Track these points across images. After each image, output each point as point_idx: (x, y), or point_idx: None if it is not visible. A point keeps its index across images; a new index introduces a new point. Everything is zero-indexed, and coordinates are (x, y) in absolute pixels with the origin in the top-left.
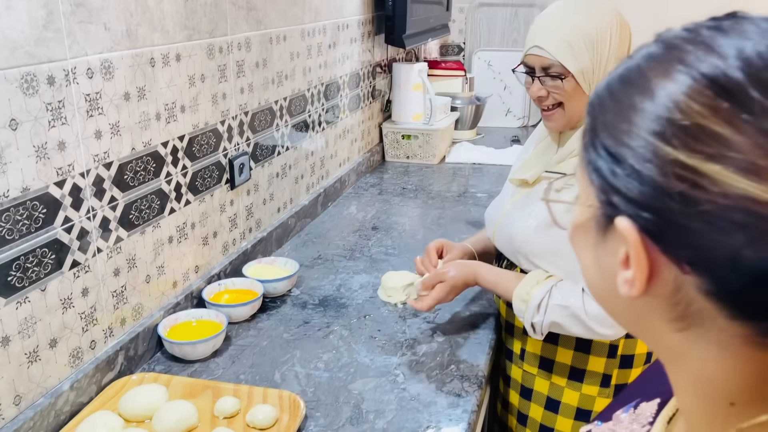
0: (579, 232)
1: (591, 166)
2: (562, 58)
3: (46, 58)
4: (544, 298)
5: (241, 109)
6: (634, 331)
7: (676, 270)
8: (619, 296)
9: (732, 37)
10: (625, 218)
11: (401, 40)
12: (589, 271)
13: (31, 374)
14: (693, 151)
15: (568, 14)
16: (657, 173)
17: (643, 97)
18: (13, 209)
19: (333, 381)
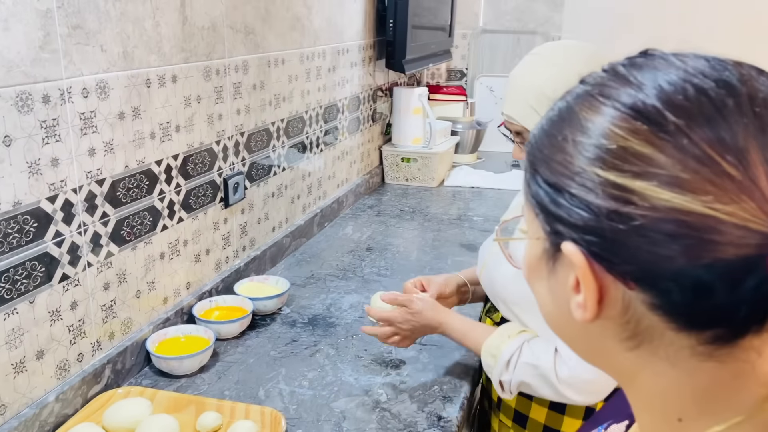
0: (532, 267)
1: (534, 199)
2: (528, 124)
3: (42, 77)
4: (513, 355)
5: (237, 129)
6: (591, 357)
7: (623, 288)
8: (574, 323)
9: (645, 71)
10: (570, 243)
11: (401, 65)
12: (545, 303)
13: (17, 385)
14: (621, 171)
15: (531, 73)
16: (593, 196)
17: (574, 129)
18: (4, 222)
19: (316, 399)
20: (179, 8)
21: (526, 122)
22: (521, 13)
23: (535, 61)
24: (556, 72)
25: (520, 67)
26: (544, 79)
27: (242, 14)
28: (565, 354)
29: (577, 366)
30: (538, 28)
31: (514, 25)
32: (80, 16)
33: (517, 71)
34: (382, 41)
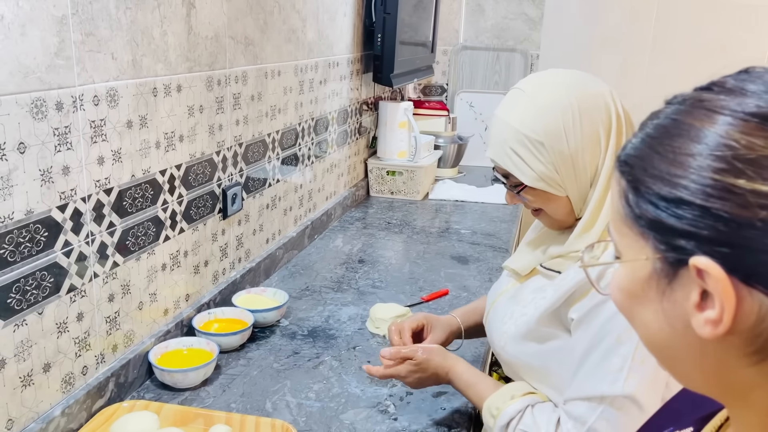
0: (632, 292)
1: (643, 218)
2: (513, 170)
3: (56, 84)
4: (513, 419)
5: (235, 140)
6: (700, 379)
7: (762, 298)
8: (689, 344)
9: (759, 83)
10: (703, 257)
11: (389, 79)
12: (651, 327)
13: (24, 398)
14: (761, 179)
15: (512, 115)
16: (733, 207)
17: (695, 142)
18: (17, 231)
19: (324, 411)
20: (185, 17)
21: (508, 166)
22: (501, 31)
23: (515, 100)
24: (537, 111)
25: (501, 106)
26: (524, 120)
27: (243, 25)
28: (566, 428)
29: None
30: (517, 45)
31: (493, 42)
32: (93, 24)
33: (498, 111)
34: (369, 55)
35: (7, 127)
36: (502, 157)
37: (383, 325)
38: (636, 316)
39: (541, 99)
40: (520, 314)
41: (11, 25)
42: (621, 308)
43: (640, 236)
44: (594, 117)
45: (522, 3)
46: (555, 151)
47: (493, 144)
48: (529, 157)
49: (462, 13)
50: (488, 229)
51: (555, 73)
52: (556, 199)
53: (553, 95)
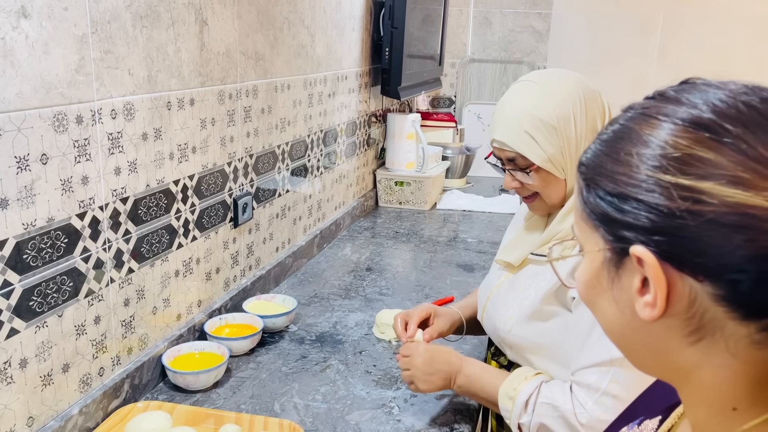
0: (590, 282)
1: (595, 213)
2: (524, 150)
3: (77, 99)
4: (532, 395)
5: (246, 152)
6: (650, 361)
7: (692, 282)
8: (637, 328)
9: (694, 93)
10: (639, 245)
11: (396, 91)
12: (606, 315)
13: (44, 397)
14: (688, 175)
15: (525, 100)
16: (662, 199)
17: (635, 145)
18: (39, 238)
19: (331, 412)
20: (198, 35)
21: (520, 148)
22: (508, 44)
23: (528, 88)
24: (551, 98)
25: (512, 94)
26: (539, 105)
27: (253, 41)
28: (581, 397)
29: (595, 408)
30: (524, 58)
31: (501, 54)
32: (111, 42)
33: (508, 98)
34: (377, 69)
35: (31, 140)
36: (514, 139)
37: (389, 331)
38: (596, 305)
39: (554, 88)
40: (522, 299)
41: (35, 44)
42: (584, 299)
43: (594, 230)
44: (594, 109)
45: (529, 16)
46: (564, 136)
47: (504, 128)
48: (542, 140)
49: (469, 27)
50: (495, 238)
51: (558, 71)
52: (556, 182)
53: (565, 86)
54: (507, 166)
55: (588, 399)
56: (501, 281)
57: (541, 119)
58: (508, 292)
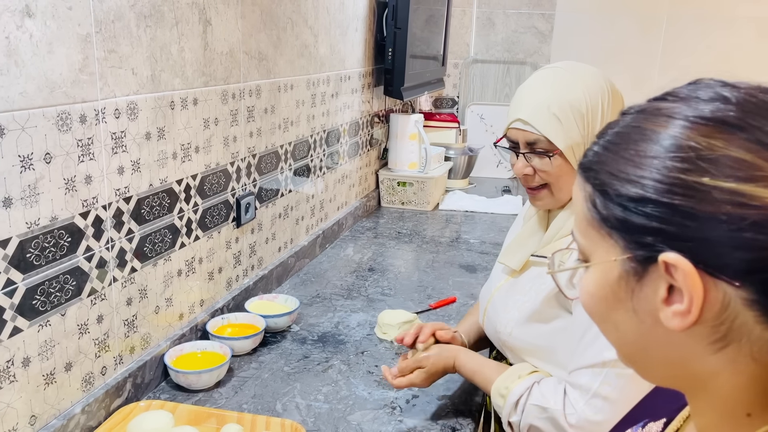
0: (601, 294)
1: (608, 220)
2: (549, 133)
3: (80, 98)
4: (522, 396)
5: (249, 151)
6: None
7: (725, 288)
8: (657, 339)
9: (709, 91)
10: (672, 252)
11: (399, 92)
12: (620, 328)
13: (47, 396)
14: (728, 177)
15: (555, 84)
16: (698, 203)
17: (659, 146)
18: (42, 237)
19: (333, 412)
20: (201, 34)
21: (546, 130)
22: (511, 44)
23: (558, 74)
24: (582, 85)
25: (539, 77)
26: (570, 90)
27: (257, 41)
28: (573, 397)
29: (585, 409)
30: (527, 58)
31: (504, 55)
32: (115, 41)
33: (536, 81)
34: (380, 69)
35: (35, 139)
36: (541, 120)
37: (390, 331)
38: (607, 318)
39: (585, 77)
40: (523, 301)
41: (39, 43)
42: (591, 312)
43: (608, 237)
44: (619, 105)
45: (532, 17)
46: (590, 127)
47: (532, 108)
48: (569, 125)
49: (473, 27)
50: (497, 239)
51: (587, 65)
52: (570, 174)
53: (595, 77)
54: (523, 150)
55: (579, 400)
56: (501, 284)
57: (570, 104)
58: (508, 294)
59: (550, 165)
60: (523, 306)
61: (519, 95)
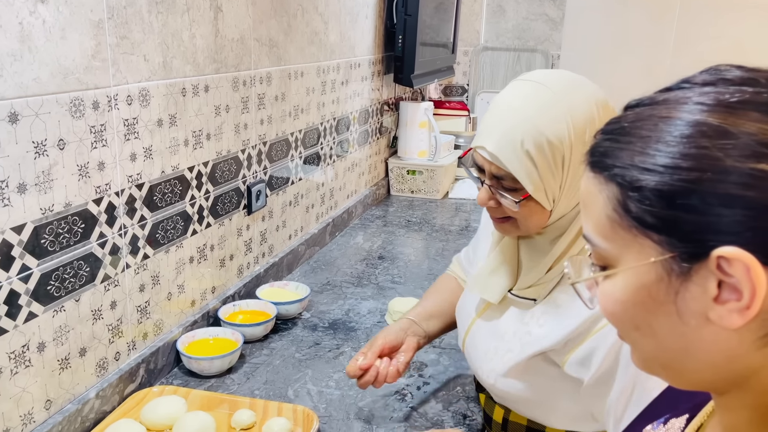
0: (636, 299)
1: (644, 220)
2: (519, 174)
3: (93, 84)
4: None
5: (260, 139)
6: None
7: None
8: (701, 338)
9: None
10: (729, 247)
11: (409, 79)
12: (658, 333)
13: (62, 381)
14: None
15: (534, 110)
16: (759, 192)
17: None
18: (56, 223)
19: (344, 398)
20: (213, 21)
21: (516, 170)
22: (522, 32)
23: (538, 93)
24: (566, 113)
25: (516, 94)
26: (551, 120)
27: (267, 28)
28: None
29: None
30: (538, 46)
31: (514, 42)
32: (127, 27)
33: (510, 99)
34: (390, 56)
35: (48, 125)
36: (510, 156)
37: None
38: (642, 325)
39: (574, 100)
40: (505, 350)
41: (52, 29)
42: (621, 321)
43: (642, 237)
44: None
45: (543, 4)
46: (571, 168)
47: (500, 138)
48: (545, 168)
49: (483, 14)
50: None
51: (570, 75)
52: (541, 213)
53: (586, 99)
54: (488, 181)
55: None
56: (481, 310)
57: (549, 141)
58: (488, 337)
59: (516, 206)
60: (506, 356)
61: (488, 115)
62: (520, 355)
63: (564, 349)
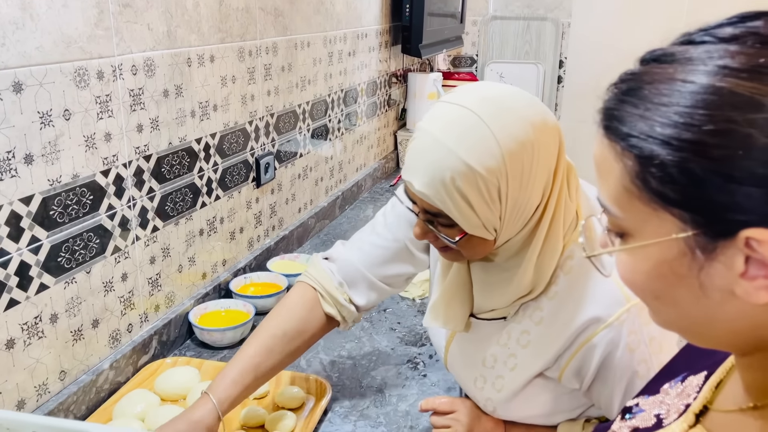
0: (657, 272)
1: (666, 196)
2: (453, 214)
3: (97, 54)
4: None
5: (267, 110)
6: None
7: None
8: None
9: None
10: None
11: (417, 49)
12: (680, 304)
13: (75, 352)
14: None
15: (461, 142)
16: None
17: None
18: (64, 194)
19: (356, 368)
20: None
21: (448, 209)
22: (531, 0)
23: (466, 122)
24: (497, 146)
25: (441, 124)
26: (481, 154)
27: None
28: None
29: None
30: (548, 14)
31: (524, 11)
32: None
33: (436, 129)
34: (398, 27)
35: (53, 95)
36: (441, 196)
37: (412, 289)
38: (663, 296)
39: (504, 134)
40: (494, 377)
41: None
42: (641, 290)
43: (662, 212)
44: (549, 157)
45: None
46: (510, 198)
47: (428, 175)
48: (479, 203)
49: None
50: None
51: (507, 97)
52: (484, 242)
53: (519, 132)
54: (423, 217)
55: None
56: (449, 342)
57: (479, 174)
58: (469, 364)
59: (453, 241)
60: (497, 384)
61: (413, 146)
62: (515, 382)
63: (557, 365)
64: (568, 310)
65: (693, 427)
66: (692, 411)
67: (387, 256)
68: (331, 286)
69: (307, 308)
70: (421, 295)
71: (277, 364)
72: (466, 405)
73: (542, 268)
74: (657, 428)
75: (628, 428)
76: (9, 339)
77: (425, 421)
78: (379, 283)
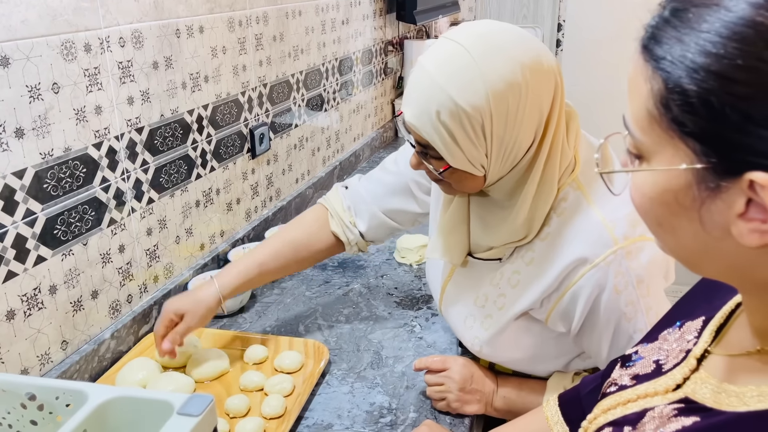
0: (662, 198)
1: (686, 125)
2: (438, 146)
3: (83, 26)
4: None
5: (260, 81)
6: (724, 273)
7: None
8: (721, 248)
9: None
10: (762, 172)
11: (412, 16)
12: (679, 234)
13: (76, 322)
14: None
15: (451, 77)
16: None
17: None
18: (57, 167)
19: (354, 332)
20: None
21: (434, 140)
22: None
23: (456, 58)
24: (483, 83)
25: (433, 57)
26: (466, 89)
27: None
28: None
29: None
30: None
31: None
32: None
33: (428, 62)
34: None
35: (41, 68)
36: (428, 128)
37: (409, 255)
38: (664, 223)
39: (492, 74)
40: (483, 316)
41: None
42: (645, 213)
43: (677, 140)
44: (542, 100)
45: None
46: (494, 136)
47: (418, 107)
48: (463, 138)
49: None
50: None
51: (505, 38)
52: (473, 177)
53: (508, 73)
54: (417, 147)
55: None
56: (446, 281)
57: (466, 112)
58: (462, 304)
59: (443, 175)
60: (486, 323)
61: (411, 78)
62: (500, 321)
63: (543, 307)
64: (557, 250)
65: (695, 371)
66: (693, 356)
67: (389, 188)
68: (341, 208)
69: (318, 224)
70: (418, 261)
71: (281, 267)
72: (458, 362)
73: (537, 208)
74: (657, 374)
75: (629, 376)
76: (9, 310)
77: (421, 381)
78: (382, 215)
